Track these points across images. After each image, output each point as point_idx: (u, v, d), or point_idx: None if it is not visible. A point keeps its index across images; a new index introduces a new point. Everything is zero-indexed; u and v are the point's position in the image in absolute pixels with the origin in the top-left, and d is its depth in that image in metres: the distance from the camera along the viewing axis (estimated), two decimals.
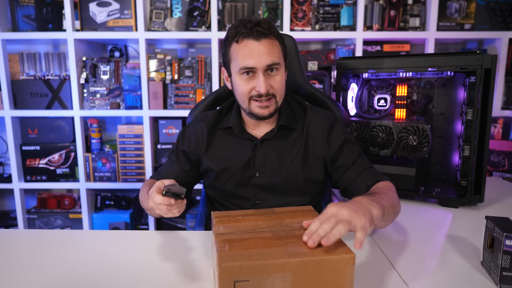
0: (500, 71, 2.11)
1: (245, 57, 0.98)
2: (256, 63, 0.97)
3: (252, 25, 0.97)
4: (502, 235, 0.71)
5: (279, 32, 1.03)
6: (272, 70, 1.00)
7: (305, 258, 0.63)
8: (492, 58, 1.14)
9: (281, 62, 1.01)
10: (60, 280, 0.77)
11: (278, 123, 1.08)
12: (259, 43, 0.97)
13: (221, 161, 1.10)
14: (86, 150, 2.27)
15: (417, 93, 1.34)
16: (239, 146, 1.10)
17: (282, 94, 1.04)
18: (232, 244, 0.68)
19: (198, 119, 1.16)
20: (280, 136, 1.09)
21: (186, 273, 0.79)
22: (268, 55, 0.97)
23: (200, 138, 1.12)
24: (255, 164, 1.08)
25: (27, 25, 2.17)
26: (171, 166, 1.15)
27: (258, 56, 0.97)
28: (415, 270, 0.82)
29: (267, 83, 0.99)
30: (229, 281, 0.61)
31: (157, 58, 2.21)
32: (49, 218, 2.35)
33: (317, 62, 2.21)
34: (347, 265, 0.63)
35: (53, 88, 2.19)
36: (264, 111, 1.02)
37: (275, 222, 0.78)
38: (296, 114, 1.12)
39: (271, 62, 0.98)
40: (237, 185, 1.10)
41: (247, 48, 0.98)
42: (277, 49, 1.00)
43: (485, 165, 1.21)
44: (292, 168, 1.07)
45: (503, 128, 2.17)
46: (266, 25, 0.98)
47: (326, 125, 1.09)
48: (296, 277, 0.63)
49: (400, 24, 2.14)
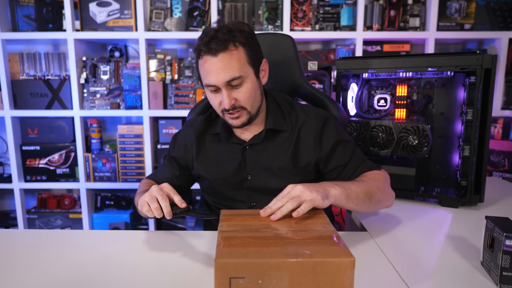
0: (500, 71, 2.11)
1: (206, 74, 0.96)
2: (215, 81, 0.95)
3: (208, 40, 0.93)
4: (502, 235, 0.71)
5: (245, 37, 0.96)
6: (235, 83, 0.96)
7: (302, 259, 0.62)
8: (492, 58, 1.14)
9: (244, 73, 0.96)
10: (60, 280, 0.77)
11: (266, 126, 1.07)
12: (217, 59, 0.94)
13: (213, 167, 1.10)
14: (86, 150, 2.27)
15: (417, 93, 1.34)
16: (229, 151, 1.09)
17: (252, 103, 1.00)
18: (231, 241, 0.68)
19: (188, 124, 1.17)
20: (268, 139, 1.08)
21: (186, 273, 0.79)
22: (226, 71, 0.94)
23: (188, 144, 1.13)
24: (246, 168, 1.08)
25: (27, 25, 2.17)
26: (164, 170, 1.18)
27: (216, 73, 0.94)
28: (415, 270, 0.82)
29: (231, 98, 0.97)
30: (224, 277, 0.61)
31: (157, 58, 2.21)
32: (49, 218, 2.35)
33: (317, 62, 2.21)
34: (346, 269, 0.62)
35: (53, 88, 2.19)
36: (236, 122, 1.01)
37: (280, 223, 0.78)
38: (285, 114, 1.10)
39: (230, 77, 0.94)
40: (231, 189, 1.10)
41: (206, 65, 0.95)
42: (237, 61, 0.94)
43: (485, 165, 1.21)
44: (283, 169, 1.06)
45: (503, 128, 2.17)
46: (223, 37, 0.92)
47: (319, 125, 1.07)
48: (293, 278, 0.62)
49: (400, 24, 2.14)
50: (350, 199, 0.90)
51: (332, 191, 0.86)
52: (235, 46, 0.95)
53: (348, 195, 0.89)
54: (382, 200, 0.99)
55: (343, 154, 1.06)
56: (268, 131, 1.07)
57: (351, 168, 1.06)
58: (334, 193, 0.86)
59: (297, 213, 0.79)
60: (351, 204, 0.90)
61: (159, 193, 0.88)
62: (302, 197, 0.81)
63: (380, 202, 0.99)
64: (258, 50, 1.01)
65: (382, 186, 1.01)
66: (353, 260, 0.62)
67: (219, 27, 0.96)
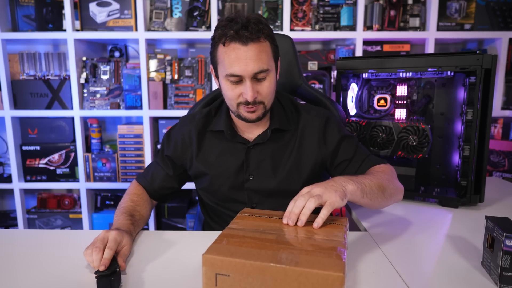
0: (500, 71, 2.11)
1: (232, 63, 0.91)
2: (243, 71, 0.91)
3: (239, 27, 0.89)
4: (502, 235, 0.71)
5: (270, 31, 0.95)
6: (260, 77, 0.94)
7: (286, 266, 0.59)
8: (492, 58, 1.14)
9: (270, 66, 0.95)
10: (60, 280, 0.77)
11: (271, 126, 1.05)
12: (247, 48, 0.90)
13: (214, 165, 1.08)
14: (86, 150, 2.27)
15: (417, 93, 1.34)
16: (231, 150, 1.07)
17: (270, 98, 1.00)
18: (229, 239, 0.68)
19: (185, 121, 1.12)
20: (273, 139, 1.06)
21: (186, 273, 0.79)
22: (256, 62, 0.91)
23: (187, 143, 1.10)
24: (249, 168, 1.06)
25: (27, 25, 2.17)
26: (157, 170, 1.14)
27: (245, 63, 0.90)
28: (415, 270, 0.82)
29: (254, 91, 0.94)
30: (211, 272, 0.63)
31: (157, 58, 2.21)
32: (49, 218, 2.35)
33: (317, 62, 2.21)
34: (333, 284, 0.58)
35: (53, 88, 2.19)
36: (251, 115, 0.99)
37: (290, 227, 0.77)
38: (288, 114, 1.09)
39: (259, 69, 0.92)
40: (232, 188, 1.08)
41: (234, 53, 0.91)
42: (266, 54, 0.93)
43: (485, 165, 1.21)
44: (287, 170, 1.05)
45: (503, 128, 2.17)
46: (255, 27, 0.90)
47: (322, 123, 1.07)
48: (276, 284, 0.60)
49: (400, 24, 2.14)
50: (365, 193, 0.87)
51: (348, 187, 0.84)
52: (264, 39, 0.93)
53: (363, 189, 0.87)
54: (393, 193, 0.98)
55: (348, 149, 1.07)
56: (274, 130, 1.05)
57: (356, 163, 1.06)
58: (351, 189, 0.84)
59: (317, 223, 0.75)
60: (365, 199, 0.88)
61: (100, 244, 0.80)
62: (324, 197, 0.78)
63: (392, 196, 0.97)
64: (278, 47, 1.00)
65: (392, 179, 0.99)
66: (342, 276, 0.57)
67: (249, 17, 0.92)
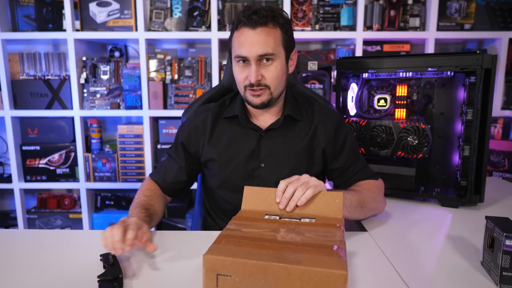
0: (500, 71, 2.11)
1: (240, 45, 0.98)
2: (248, 53, 0.96)
3: (251, 13, 0.96)
4: (502, 235, 0.71)
5: (284, 21, 0.99)
6: (267, 60, 0.98)
7: (289, 265, 0.59)
8: (492, 58, 1.14)
9: (277, 52, 0.98)
10: (60, 280, 0.77)
11: (284, 113, 1.08)
12: (254, 32, 0.96)
13: (225, 151, 1.09)
14: (86, 150, 2.27)
15: (417, 93, 1.34)
16: (243, 136, 1.09)
17: (277, 85, 1.01)
18: (229, 239, 0.68)
19: (200, 111, 1.16)
20: (285, 127, 1.08)
21: (186, 273, 0.79)
22: (262, 45, 0.96)
23: (201, 129, 1.12)
24: (260, 155, 1.08)
25: (27, 25, 2.17)
26: (170, 164, 1.15)
27: (250, 45, 0.96)
28: (415, 270, 0.82)
29: (258, 73, 0.98)
30: (212, 273, 0.62)
31: (157, 58, 2.21)
32: (49, 218, 2.35)
33: (317, 62, 2.22)
34: (336, 282, 0.58)
35: (53, 88, 2.19)
36: (256, 100, 1.01)
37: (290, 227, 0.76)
38: (301, 106, 1.12)
39: (263, 52, 0.96)
40: (241, 175, 1.08)
41: (242, 36, 0.97)
42: (273, 39, 0.97)
43: (485, 165, 1.21)
44: (298, 159, 1.08)
45: (503, 128, 2.17)
46: (265, 13, 0.96)
47: (334, 123, 1.11)
48: (279, 283, 0.60)
49: (400, 24, 2.14)
50: (345, 206, 0.93)
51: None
52: (273, 25, 0.97)
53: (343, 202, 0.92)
54: (373, 208, 1.07)
55: (347, 157, 1.11)
56: (287, 117, 1.08)
57: (349, 173, 1.12)
58: None
59: (301, 202, 0.84)
60: (344, 211, 0.93)
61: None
62: (310, 183, 0.86)
63: (372, 210, 1.06)
64: (292, 37, 1.04)
65: (375, 196, 1.07)
66: (345, 273, 0.57)
67: (265, 5, 0.99)
